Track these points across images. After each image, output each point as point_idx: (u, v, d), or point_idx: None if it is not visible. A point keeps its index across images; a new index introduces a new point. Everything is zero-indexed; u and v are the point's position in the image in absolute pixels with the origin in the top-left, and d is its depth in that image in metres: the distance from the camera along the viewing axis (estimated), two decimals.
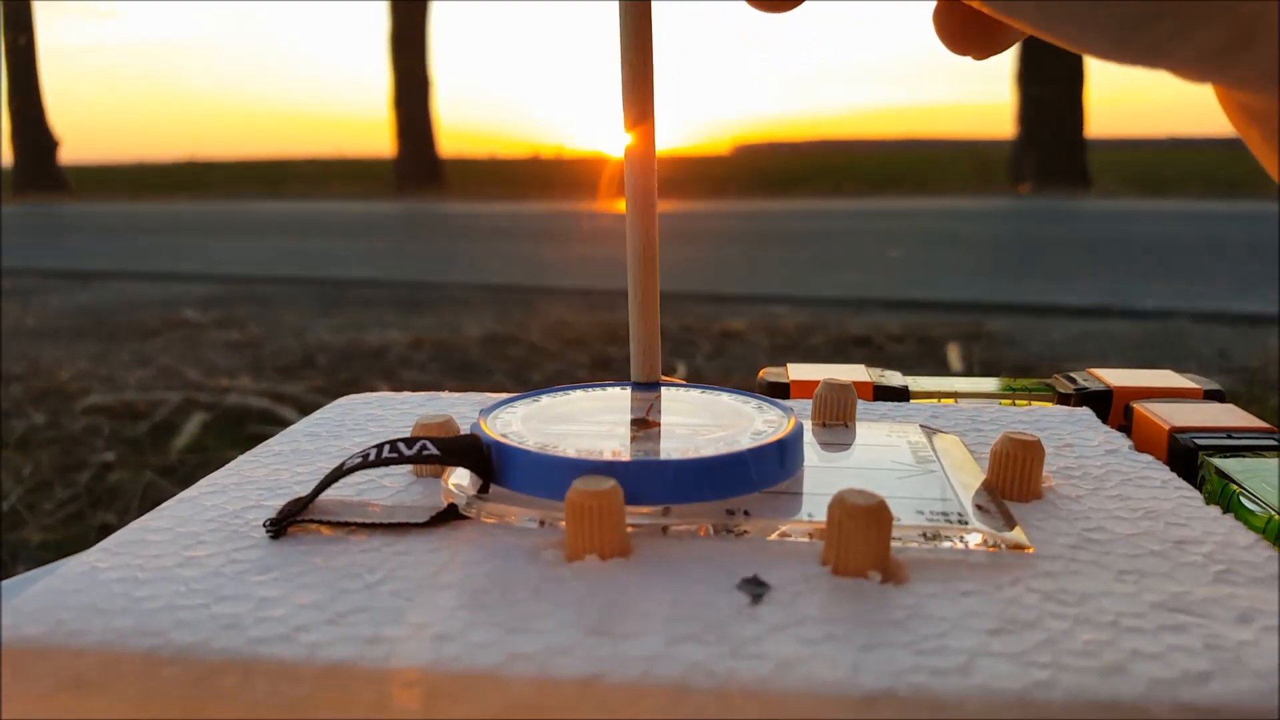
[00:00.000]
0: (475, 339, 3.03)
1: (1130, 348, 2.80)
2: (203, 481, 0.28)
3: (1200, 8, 0.16)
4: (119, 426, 2.08)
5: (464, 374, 2.58)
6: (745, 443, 0.25)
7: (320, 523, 0.24)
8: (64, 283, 4.45)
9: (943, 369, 2.39)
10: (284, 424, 1.98)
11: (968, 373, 2.29)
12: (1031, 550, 0.23)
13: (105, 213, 9.65)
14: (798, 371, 0.42)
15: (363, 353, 2.85)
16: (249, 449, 0.31)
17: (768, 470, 0.25)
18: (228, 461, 0.30)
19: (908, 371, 0.43)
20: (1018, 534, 0.23)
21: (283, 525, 0.24)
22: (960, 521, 0.23)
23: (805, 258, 5.03)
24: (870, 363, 0.44)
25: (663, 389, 0.31)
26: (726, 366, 2.58)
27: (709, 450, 0.25)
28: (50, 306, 3.77)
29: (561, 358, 2.75)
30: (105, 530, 1.52)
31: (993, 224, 6.81)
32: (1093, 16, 0.17)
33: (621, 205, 0.30)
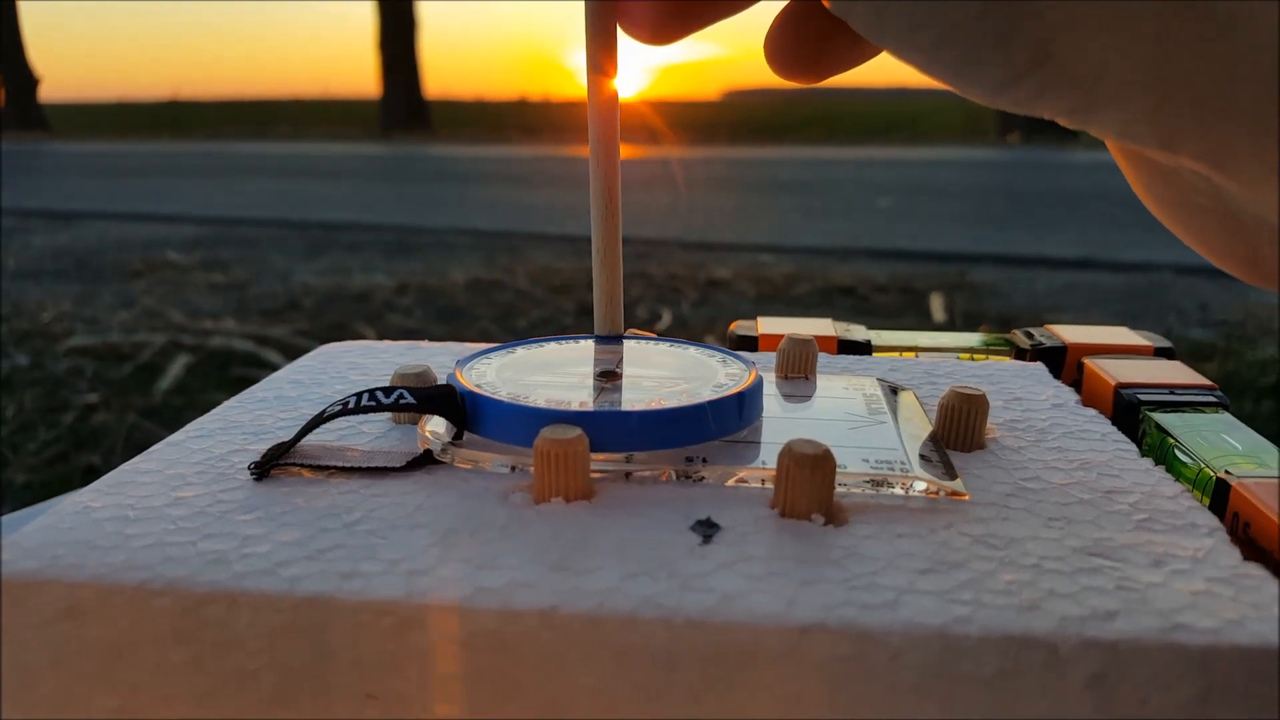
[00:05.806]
0: (461, 284, 3.03)
1: (1112, 300, 2.83)
2: (189, 426, 0.29)
3: (978, 51, 0.19)
4: (102, 368, 2.08)
5: (449, 319, 2.59)
6: (707, 395, 0.27)
7: (302, 466, 0.26)
8: (45, 223, 4.40)
9: (925, 320, 2.41)
10: (268, 367, 1.99)
11: (948, 323, 2.31)
12: (967, 497, 0.24)
13: (87, 152, 9.51)
14: (767, 325, 0.43)
15: (347, 296, 2.85)
16: (233, 392, 0.33)
17: (726, 420, 0.26)
18: (212, 404, 0.32)
19: (889, 322, 0.44)
20: (956, 482, 0.25)
21: (266, 468, 0.25)
22: (903, 470, 0.25)
23: (793, 206, 5.02)
24: (854, 312, 0.45)
25: (637, 343, 0.32)
26: (711, 316, 2.58)
27: (671, 402, 0.26)
28: (31, 247, 3.74)
29: (547, 304, 2.76)
30: (90, 471, 1.54)
31: (980, 174, 6.80)
32: (908, 42, 0.20)
33: None
